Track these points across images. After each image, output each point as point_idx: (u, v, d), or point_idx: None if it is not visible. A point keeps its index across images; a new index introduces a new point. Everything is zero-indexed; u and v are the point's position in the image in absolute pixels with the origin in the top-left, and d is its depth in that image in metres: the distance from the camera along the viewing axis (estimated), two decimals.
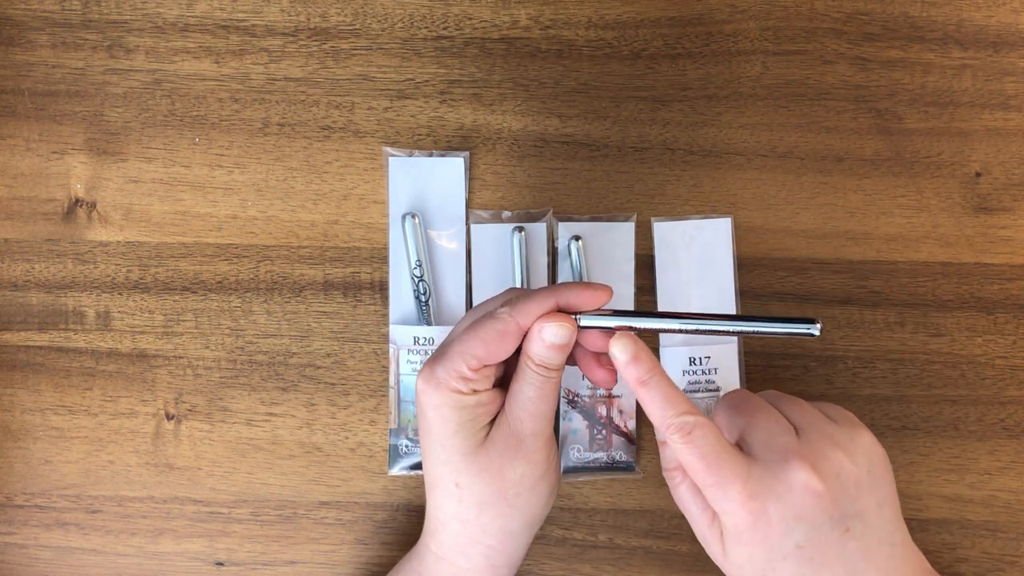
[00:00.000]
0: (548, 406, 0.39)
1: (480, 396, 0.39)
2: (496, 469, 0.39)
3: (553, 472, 0.41)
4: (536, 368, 0.38)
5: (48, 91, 0.49)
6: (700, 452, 0.36)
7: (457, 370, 0.38)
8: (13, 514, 0.49)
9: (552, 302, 0.38)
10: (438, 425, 0.39)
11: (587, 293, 0.38)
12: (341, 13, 0.50)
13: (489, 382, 0.39)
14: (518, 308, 0.38)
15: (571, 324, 0.38)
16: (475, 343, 0.38)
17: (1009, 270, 0.49)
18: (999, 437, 0.49)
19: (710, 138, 0.50)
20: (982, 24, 0.50)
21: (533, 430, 0.39)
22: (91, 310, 0.49)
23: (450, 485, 0.40)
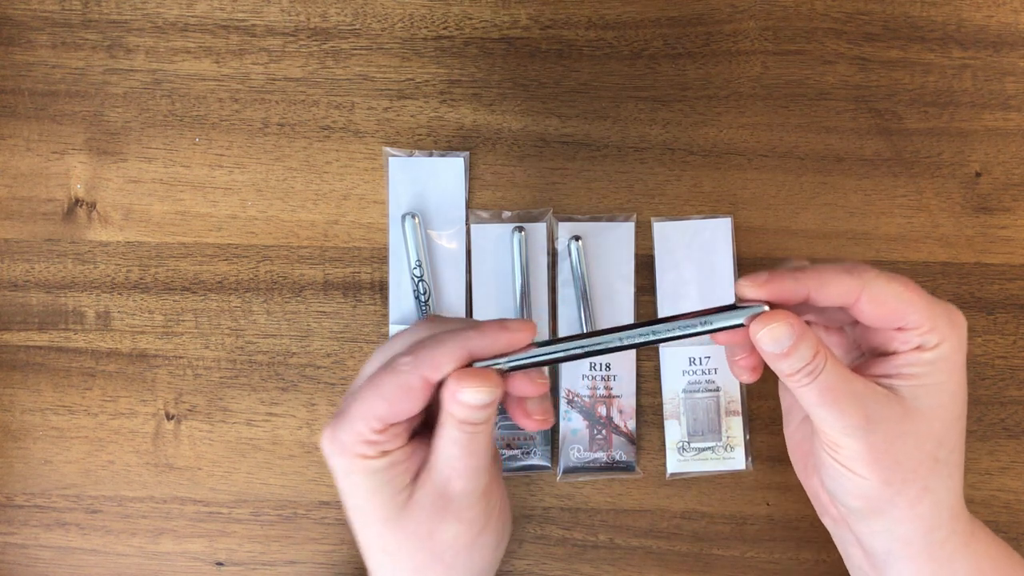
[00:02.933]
0: (478, 461, 0.34)
1: (392, 456, 0.34)
2: (425, 533, 0.35)
3: (496, 521, 0.37)
4: (459, 427, 0.33)
5: (48, 91, 0.49)
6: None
7: (359, 433, 0.33)
8: (13, 514, 0.49)
9: (464, 351, 0.33)
10: (352, 492, 0.35)
11: (504, 337, 0.34)
12: (341, 13, 0.50)
13: (401, 439, 0.34)
14: (422, 358, 0.33)
15: (492, 383, 0.33)
16: (376, 402, 0.33)
17: (1009, 270, 0.49)
18: (999, 437, 0.49)
19: (710, 138, 0.50)
20: (982, 24, 0.50)
21: (463, 489, 0.34)
22: (91, 310, 0.49)
23: (378, 553, 0.36)
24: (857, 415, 0.34)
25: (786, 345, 0.33)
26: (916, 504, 0.36)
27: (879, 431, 0.34)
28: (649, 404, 0.49)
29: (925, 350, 0.35)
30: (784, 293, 0.34)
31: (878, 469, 0.35)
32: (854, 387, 0.35)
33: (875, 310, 0.35)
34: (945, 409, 0.35)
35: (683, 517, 0.49)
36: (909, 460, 0.35)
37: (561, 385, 0.48)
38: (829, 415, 0.34)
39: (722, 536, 0.49)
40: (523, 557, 0.49)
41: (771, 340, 0.34)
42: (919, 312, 0.34)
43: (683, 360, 0.49)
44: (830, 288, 0.34)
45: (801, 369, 0.34)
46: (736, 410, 0.49)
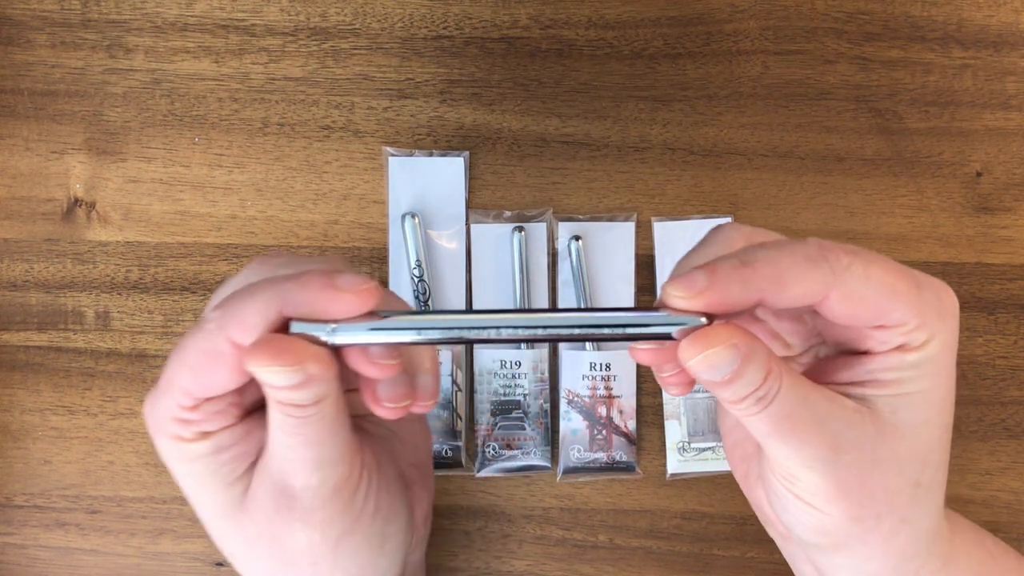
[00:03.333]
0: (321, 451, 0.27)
1: (216, 439, 0.27)
2: (269, 536, 0.28)
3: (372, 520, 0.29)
4: (281, 410, 0.26)
5: (47, 91, 0.49)
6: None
7: (167, 409, 0.27)
8: (12, 514, 0.49)
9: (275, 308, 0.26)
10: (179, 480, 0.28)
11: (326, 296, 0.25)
12: (341, 13, 0.49)
13: (227, 416, 0.27)
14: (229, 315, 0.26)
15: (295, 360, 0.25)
16: (180, 371, 0.26)
17: (1010, 270, 0.49)
18: (1000, 437, 0.49)
19: (710, 138, 0.49)
20: (983, 24, 0.50)
21: (305, 485, 0.27)
22: (90, 310, 0.49)
23: (229, 556, 0.30)
24: (821, 445, 0.27)
25: (728, 371, 0.26)
26: (891, 539, 0.29)
27: (849, 461, 0.27)
28: (649, 404, 0.49)
29: (909, 350, 0.28)
30: (729, 301, 0.26)
31: (846, 505, 0.28)
32: (816, 410, 0.27)
33: (849, 309, 0.27)
34: (930, 424, 0.28)
35: (683, 517, 0.49)
36: (886, 492, 0.28)
37: (561, 385, 0.48)
38: (785, 448, 0.27)
39: (723, 536, 0.49)
40: (523, 558, 0.49)
41: (708, 368, 0.26)
42: (905, 306, 0.27)
43: None
44: (792, 289, 0.26)
45: (748, 396, 0.26)
46: None
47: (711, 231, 0.31)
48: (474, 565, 0.49)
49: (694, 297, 0.26)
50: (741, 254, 0.27)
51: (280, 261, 0.29)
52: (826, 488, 0.28)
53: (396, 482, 0.31)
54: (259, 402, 0.29)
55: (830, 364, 0.30)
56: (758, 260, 0.26)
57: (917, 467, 0.29)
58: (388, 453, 0.31)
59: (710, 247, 0.30)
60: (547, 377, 0.48)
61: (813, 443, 0.27)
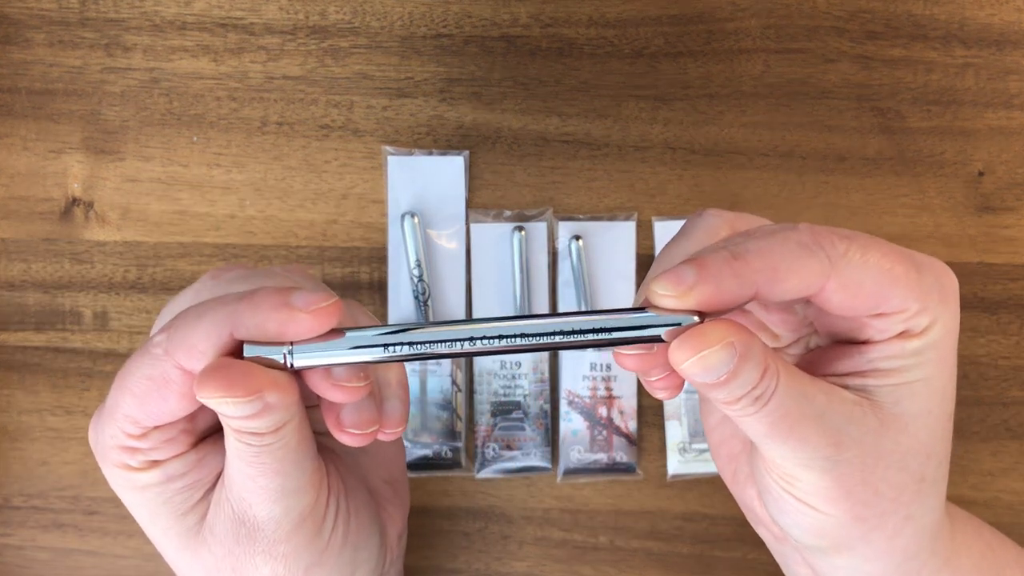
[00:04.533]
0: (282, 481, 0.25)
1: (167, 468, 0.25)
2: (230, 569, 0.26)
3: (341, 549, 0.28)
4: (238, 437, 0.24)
5: (45, 90, 0.49)
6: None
7: (113, 437, 0.25)
8: (10, 515, 0.49)
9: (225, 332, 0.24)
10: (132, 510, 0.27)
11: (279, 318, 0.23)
12: (340, 11, 0.49)
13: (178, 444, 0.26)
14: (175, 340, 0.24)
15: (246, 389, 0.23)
16: (124, 397, 0.25)
17: (1012, 270, 0.49)
18: (1002, 438, 0.49)
19: (711, 137, 0.49)
20: (985, 23, 0.50)
21: (267, 516, 0.25)
22: (88, 310, 0.49)
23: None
24: (821, 443, 0.26)
25: (724, 372, 0.24)
26: (895, 538, 0.28)
27: (851, 458, 0.26)
28: (650, 405, 0.49)
29: (910, 337, 0.26)
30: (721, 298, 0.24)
31: (849, 504, 0.26)
32: (815, 406, 0.25)
33: (848, 299, 0.26)
34: (934, 414, 0.27)
35: (684, 519, 0.49)
36: (891, 489, 0.27)
37: (561, 386, 0.48)
38: (784, 448, 0.26)
39: (723, 538, 0.49)
40: (523, 559, 0.48)
41: (703, 370, 0.24)
42: (905, 291, 0.26)
43: None
44: (787, 282, 0.25)
45: (744, 396, 0.25)
46: None
47: (691, 218, 0.29)
48: (474, 566, 0.48)
49: (684, 295, 0.24)
50: (730, 245, 0.25)
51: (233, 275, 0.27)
52: (827, 488, 0.26)
53: (366, 506, 0.29)
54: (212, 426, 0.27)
55: (825, 355, 0.28)
56: (749, 251, 0.24)
57: (921, 460, 0.27)
58: (356, 473, 0.29)
59: (692, 237, 0.28)
60: (547, 377, 0.48)
61: (813, 441, 0.26)
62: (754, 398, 0.25)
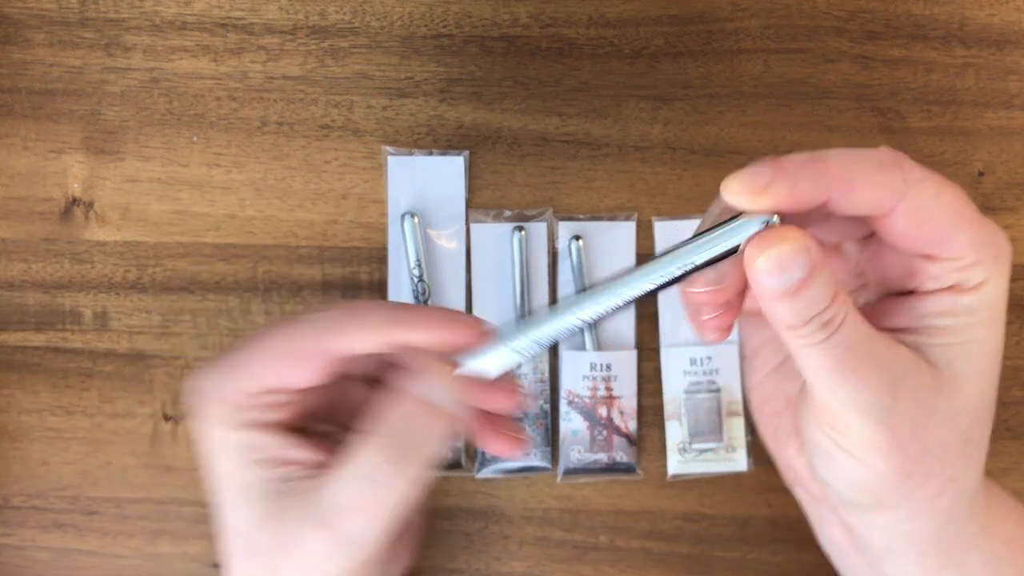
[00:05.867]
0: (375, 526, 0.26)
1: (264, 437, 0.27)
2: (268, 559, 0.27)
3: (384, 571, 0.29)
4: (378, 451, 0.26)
5: (45, 90, 0.49)
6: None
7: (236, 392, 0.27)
8: (10, 516, 0.49)
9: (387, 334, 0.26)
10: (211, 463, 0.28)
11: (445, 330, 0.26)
12: (340, 11, 0.49)
13: (288, 411, 0.28)
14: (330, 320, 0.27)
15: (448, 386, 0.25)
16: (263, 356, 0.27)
17: (1013, 270, 0.49)
18: (1002, 439, 0.49)
19: (712, 137, 0.49)
20: (985, 23, 0.50)
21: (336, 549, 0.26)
22: (88, 310, 0.49)
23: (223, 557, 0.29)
24: (882, 389, 0.25)
25: (796, 278, 0.24)
26: (937, 498, 0.28)
27: (905, 411, 0.26)
28: (650, 405, 0.49)
29: (963, 291, 0.26)
30: (797, 200, 0.24)
31: (899, 459, 0.26)
32: (876, 348, 0.25)
33: (912, 228, 0.25)
34: (984, 377, 0.27)
35: (684, 519, 0.49)
36: (939, 447, 0.27)
37: (561, 386, 0.48)
38: (843, 389, 0.25)
39: (724, 538, 0.49)
40: (523, 559, 0.48)
41: (775, 269, 0.23)
42: (964, 236, 0.26)
43: (684, 360, 0.49)
44: (862, 192, 0.25)
45: (812, 319, 0.24)
46: (738, 411, 0.48)
47: None
48: (474, 567, 0.48)
49: (758, 193, 0.24)
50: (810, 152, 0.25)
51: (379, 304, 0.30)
52: (879, 440, 0.26)
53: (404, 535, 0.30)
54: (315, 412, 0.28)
55: (879, 309, 0.28)
56: (829, 156, 0.25)
57: (969, 422, 0.27)
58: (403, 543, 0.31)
59: None
60: (547, 377, 0.48)
61: (874, 386, 0.25)
62: (823, 322, 0.24)
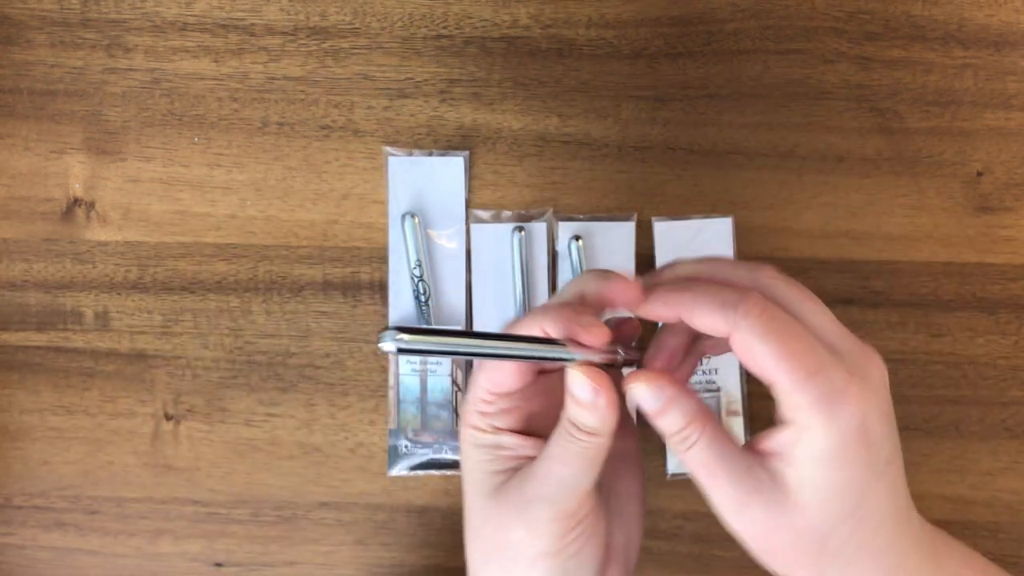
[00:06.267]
0: (570, 475, 0.33)
1: (500, 437, 0.34)
2: (500, 523, 0.34)
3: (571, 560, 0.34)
4: (566, 424, 0.32)
5: (47, 90, 0.49)
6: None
7: (473, 402, 0.34)
8: (11, 515, 0.49)
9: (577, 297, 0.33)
10: (463, 461, 0.36)
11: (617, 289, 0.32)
12: (340, 12, 0.49)
13: (515, 419, 0.34)
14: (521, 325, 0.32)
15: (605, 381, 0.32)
16: (481, 371, 0.34)
17: (1011, 270, 0.49)
18: (1001, 438, 0.49)
19: (711, 137, 0.49)
20: (984, 23, 0.50)
21: (542, 495, 0.33)
22: (90, 310, 0.49)
23: (467, 527, 0.36)
24: (731, 496, 0.32)
25: (656, 405, 0.32)
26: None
27: (754, 519, 0.32)
28: None
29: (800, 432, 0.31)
30: (655, 314, 0.33)
31: (760, 552, 0.33)
32: (733, 467, 0.32)
33: (747, 362, 0.31)
34: (829, 506, 0.31)
35: (684, 518, 0.49)
36: (790, 549, 0.32)
37: None
38: (706, 490, 0.33)
39: (723, 537, 0.48)
40: None
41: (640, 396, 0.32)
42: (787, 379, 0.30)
43: None
44: (700, 321, 0.32)
45: (676, 434, 0.32)
46: (736, 411, 0.49)
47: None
48: None
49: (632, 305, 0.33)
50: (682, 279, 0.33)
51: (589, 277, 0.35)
52: (743, 533, 0.33)
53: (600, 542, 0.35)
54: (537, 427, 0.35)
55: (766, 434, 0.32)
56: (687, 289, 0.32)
57: (816, 538, 0.31)
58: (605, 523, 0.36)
59: None
60: None
61: (724, 491, 0.32)
62: (681, 438, 0.32)
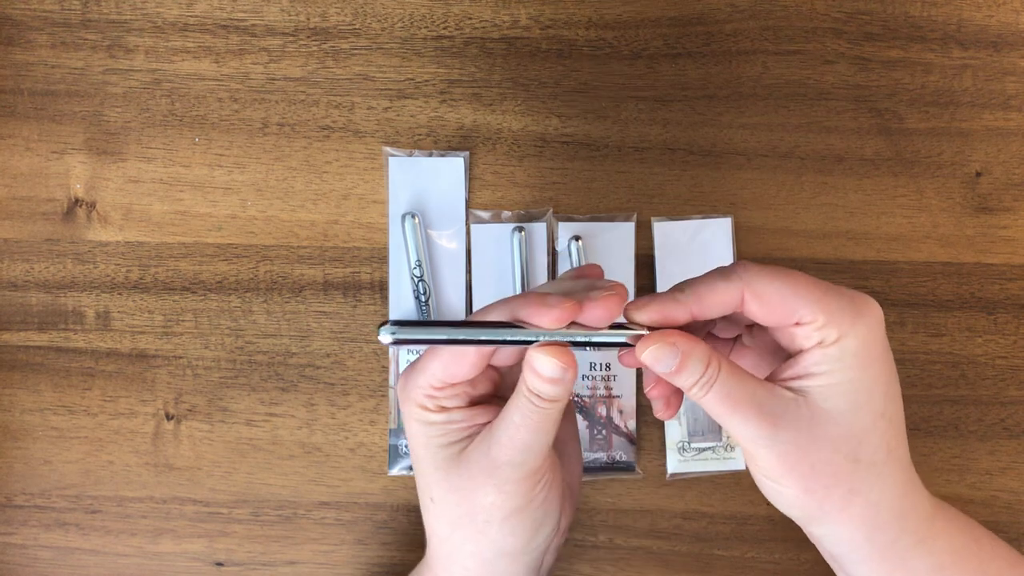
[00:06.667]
0: (534, 439, 0.35)
1: (450, 414, 0.36)
2: (467, 490, 0.36)
3: (541, 511, 0.37)
4: (527, 395, 0.34)
5: (48, 91, 0.49)
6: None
7: (421, 387, 0.36)
8: (13, 514, 0.49)
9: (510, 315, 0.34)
10: (411, 436, 0.37)
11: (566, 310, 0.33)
12: (341, 13, 0.50)
13: (462, 399, 0.36)
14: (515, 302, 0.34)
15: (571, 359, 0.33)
16: (434, 363, 0.35)
17: (1009, 270, 0.49)
18: (1000, 437, 0.49)
19: (710, 138, 0.49)
20: (983, 24, 0.50)
21: (510, 459, 0.35)
22: (91, 310, 0.49)
23: (426, 499, 0.38)
24: (762, 423, 0.33)
25: (672, 363, 0.33)
26: (846, 508, 0.34)
27: (788, 438, 0.33)
28: (649, 404, 0.49)
29: (827, 345, 0.33)
30: (666, 315, 0.34)
31: (794, 478, 0.34)
32: (755, 393, 0.33)
33: (762, 309, 0.34)
34: (861, 408, 0.34)
35: (683, 517, 0.49)
36: (826, 465, 0.33)
37: None
38: (734, 425, 0.34)
39: (722, 536, 0.49)
40: None
41: (654, 360, 0.33)
42: (809, 305, 0.33)
43: None
44: (709, 299, 0.34)
45: (696, 382, 0.33)
46: None
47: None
48: None
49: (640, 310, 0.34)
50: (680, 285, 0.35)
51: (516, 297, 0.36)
52: (773, 463, 0.34)
53: (559, 487, 0.38)
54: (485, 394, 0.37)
55: (778, 369, 0.35)
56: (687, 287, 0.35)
57: (852, 446, 0.34)
58: (558, 465, 0.38)
59: None
60: None
61: (753, 420, 0.33)
62: (701, 384, 0.33)
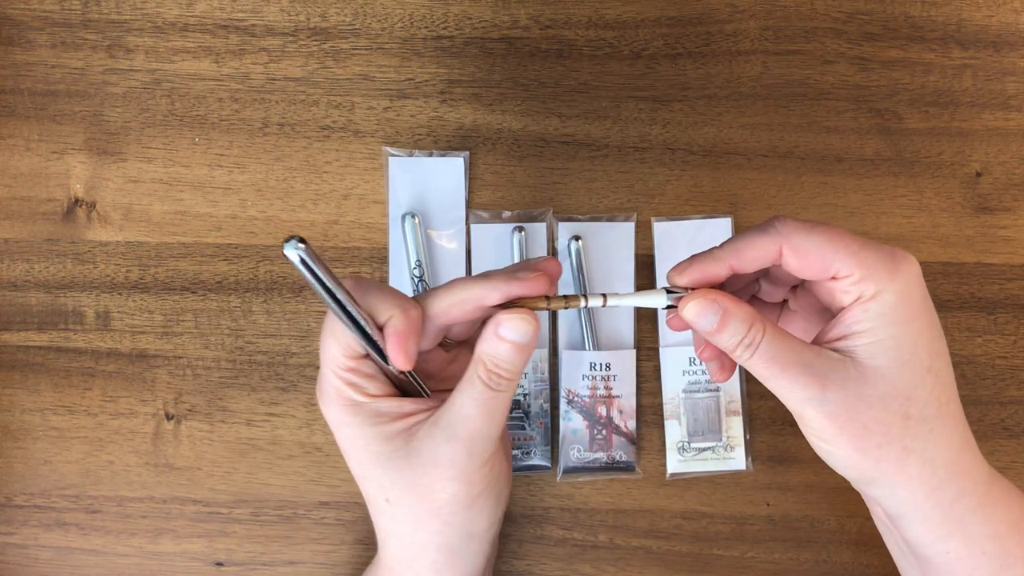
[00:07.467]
0: (491, 426, 0.34)
1: (376, 403, 0.35)
2: (424, 486, 0.35)
3: (495, 487, 0.37)
4: (485, 375, 0.33)
5: (48, 91, 0.49)
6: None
7: (328, 376, 0.34)
8: (13, 514, 0.49)
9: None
10: (346, 441, 0.36)
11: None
12: (341, 13, 0.50)
13: (380, 385, 0.35)
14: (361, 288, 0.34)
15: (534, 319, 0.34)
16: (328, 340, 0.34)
17: (1009, 270, 0.49)
18: (1000, 437, 0.49)
19: (710, 138, 0.49)
20: (983, 24, 0.50)
21: (469, 451, 0.34)
22: (91, 310, 0.49)
23: (380, 501, 0.36)
24: (810, 384, 0.33)
25: (714, 320, 0.33)
26: (903, 467, 0.34)
27: (837, 398, 0.33)
28: (649, 404, 0.49)
29: (867, 300, 0.33)
30: (706, 273, 0.34)
31: (847, 438, 0.33)
32: (802, 355, 0.33)
33: (800, 262, 0.33)
34: (906, 364, 0.33)
35: (683, 517, 0.49)
36: (878, 424, 0.33)
37: (561, 385, 0.48)
38: (781, 387, 0.33)
39: (722, 536, 0.49)
40: (523, 557, 0.49)
41: (696, 316, 0.33)
42: (846, 259, 0.33)
43: (683, 360, 0.49)
44: (747, 253, 0.34)
45: (739, 343, 0.33)
46: (736, 410, 0.49)
47: None
48: None
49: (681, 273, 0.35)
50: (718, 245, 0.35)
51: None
52: (824, 423, 0.33)
53: (510, 462, 0.39)
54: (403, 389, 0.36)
55: (823, 331, 0.35)
56: (724, 245, 0.35)
57: (901, 402, 0.33)
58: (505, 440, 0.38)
59: None
60: (547, 377, 0.48)
61: (802, 381, 0.33)
62: (746, 345, 0.33)
